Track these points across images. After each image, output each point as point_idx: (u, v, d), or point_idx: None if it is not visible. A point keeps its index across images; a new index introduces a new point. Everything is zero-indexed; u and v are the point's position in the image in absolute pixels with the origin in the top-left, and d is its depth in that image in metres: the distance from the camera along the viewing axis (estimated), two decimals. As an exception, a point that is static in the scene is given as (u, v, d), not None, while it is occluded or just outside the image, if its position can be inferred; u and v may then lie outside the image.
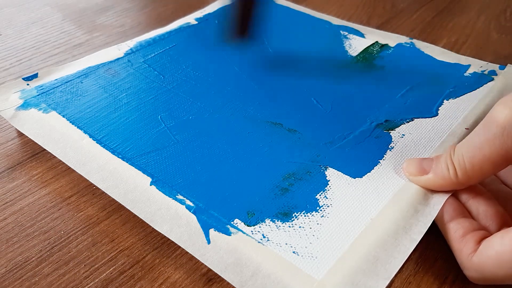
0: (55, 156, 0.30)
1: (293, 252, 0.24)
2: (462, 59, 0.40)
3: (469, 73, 0.38)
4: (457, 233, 0.24)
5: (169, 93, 0.35)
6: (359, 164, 0.29)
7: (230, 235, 0.24)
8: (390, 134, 0.32)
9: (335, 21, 0.46)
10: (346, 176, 0.28)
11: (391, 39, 0.43)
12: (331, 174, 0.28)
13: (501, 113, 0.23)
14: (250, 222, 0.25)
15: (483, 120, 0.24)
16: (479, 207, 0.25)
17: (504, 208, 0.25)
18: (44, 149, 0.31)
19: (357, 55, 0.41)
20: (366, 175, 0.28)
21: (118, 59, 0.39)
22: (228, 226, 0.25)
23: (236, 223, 0.25)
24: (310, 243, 0.24)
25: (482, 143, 0.24)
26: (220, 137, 0.31)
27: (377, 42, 0.43)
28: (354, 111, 0.34)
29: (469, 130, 0.31)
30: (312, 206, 0.26)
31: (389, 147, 0.30)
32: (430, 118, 0.33)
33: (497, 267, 0.21)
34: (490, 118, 0.24)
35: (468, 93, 0.35)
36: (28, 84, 0.35)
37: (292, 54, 0.41)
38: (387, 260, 0.23)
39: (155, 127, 0.32)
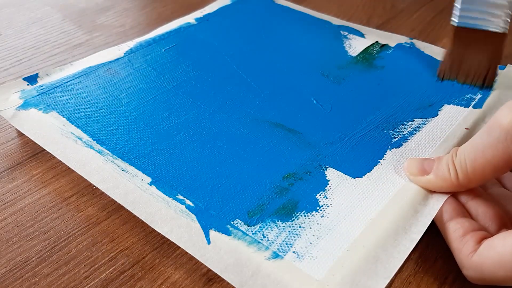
0: (55, 156, 0.30)
1: (293, 252, 0.24)
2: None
3: (469, 73, 0.38)
4: (456, 232, 0.24)
5: (169, 93, 0.35)
6: (359, 164, 0.29)
7: (230, 235, 0.24)
8: (390, 134, 0.32)
9: (335, 21, 0.46)
10: (346, 176, 0.28)
11: (391, 39, 0.43)
12: (331, 174, 0.28)
13: (505, 118, 0.23)
14: (250, 222, 0.25)
15: (487, 124, 0.24)
16: (479, 208, 0.25)
17: (504, 210, 0.25)
18: (44, 149, 0.31)
19: (357, 55, 0.41)
20: (366, 175, 0.28)
21: (118, 59, 0.39)
22: (228, 226, 0.25)
23: (236, 223, 0.25)
24: (310, 243, 0.24)
25: (484, 147, 0.23)
26: (220, 137, 0.31)
27: (377, 42, 0.43)
28: (354, 111, 0.34)
29: (469, 130, 0.31)
30: (312, 206, 0.26)
31: (389, 147, 0.30)
32: (430, 118, 0.33)
33: (498, 268, 0.21)
34: (494, 121, 0.23)
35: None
36: (28, 84, 0.35)
37: (292, 54, 0.41)
38: (387, 260, 0.23)
39: (155, 127, 0.32)
